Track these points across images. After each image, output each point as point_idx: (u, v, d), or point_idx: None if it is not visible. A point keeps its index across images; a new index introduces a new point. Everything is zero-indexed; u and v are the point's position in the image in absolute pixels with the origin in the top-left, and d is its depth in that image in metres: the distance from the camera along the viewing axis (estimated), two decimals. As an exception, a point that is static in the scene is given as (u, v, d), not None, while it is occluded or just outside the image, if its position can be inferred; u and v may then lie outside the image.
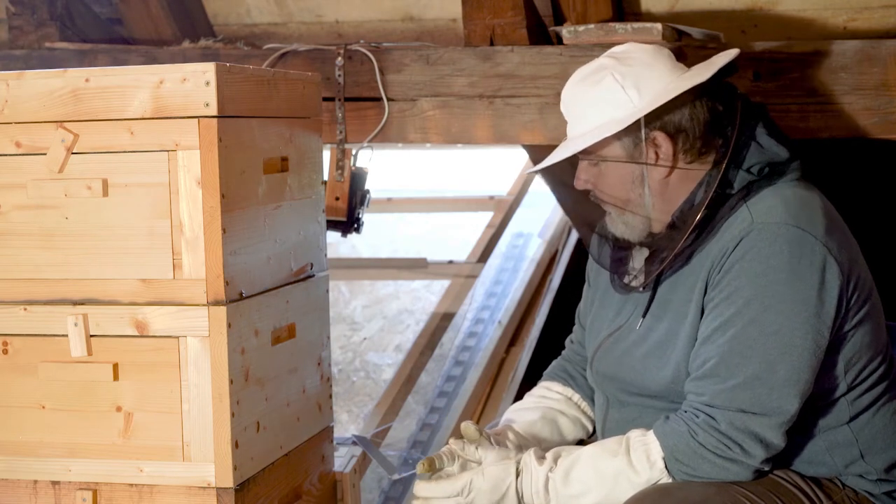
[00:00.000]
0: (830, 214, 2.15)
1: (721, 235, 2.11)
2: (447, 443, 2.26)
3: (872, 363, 2.15)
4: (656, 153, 2.17)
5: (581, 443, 2.42)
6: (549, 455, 2.15)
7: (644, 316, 2.21)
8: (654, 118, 2.14)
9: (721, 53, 2.25)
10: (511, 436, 2.29)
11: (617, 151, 2.18)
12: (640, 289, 2.22)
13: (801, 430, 2.11)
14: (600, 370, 2.29)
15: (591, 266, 2.42)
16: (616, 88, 2.16)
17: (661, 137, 2.16)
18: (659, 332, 2.18)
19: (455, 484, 2.16)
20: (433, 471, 2.20)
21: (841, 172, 3.75)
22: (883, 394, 2.18)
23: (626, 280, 2.25)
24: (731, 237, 2.09)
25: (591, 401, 2.40)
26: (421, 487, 2.18)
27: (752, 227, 2.08)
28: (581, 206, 2.39)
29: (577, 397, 2.43)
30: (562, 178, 2.34)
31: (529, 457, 2.16)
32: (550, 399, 2.43)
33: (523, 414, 2.39)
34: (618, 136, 2.16)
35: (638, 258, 2.26)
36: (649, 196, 2.18)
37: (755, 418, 2.03)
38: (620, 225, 2.22)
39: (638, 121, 2.14)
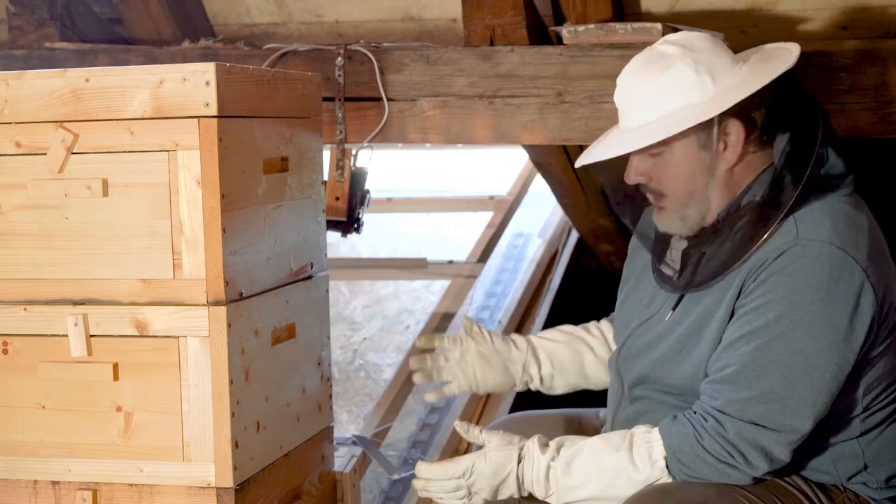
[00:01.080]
0: (875, 237, 2.10)
1: (763, 244, 2.07)
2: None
3: (891, 387, 2.14)
4: (725, 142, 2.10)
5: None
6: (553, 444, 2.15)
7: (674, 309, 2.20)
8: (732, 106, 2.06)
9: (784, 48, 2.18)
10: (520, 342, 2.43)
11: (687, 139, 2.10)
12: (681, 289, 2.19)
13: (809, 442, 2.08)
14: (626, 359, 2.28)
15: (633, 243, 2.40)
16: (689, 73, 2.08)
17: (733, 125, 2.09)
18: (686, 326, 2.16)
19: (457, 466, 2.16)
20: (430, 347, 2.45)
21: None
22: (895, 411, 2.16)
23: (669, 274, 2.22)
24: (773, 248, 2.05)
25: None
26: (423, 469, 2.19)
27: (797, 243, 2.04)
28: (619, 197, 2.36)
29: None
30: (607, 176, 2.27)
31: (533, 444, 2.16)
32: (589, 334, 2.48)
33: (552, 334, 2.48)
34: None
35: (677, 249, 2.23)
36: (713, 187, 2.12)
37: (765, 432, 2.01)
38: (676, 220, 2.17)
39: (713, 108, 2.05)
